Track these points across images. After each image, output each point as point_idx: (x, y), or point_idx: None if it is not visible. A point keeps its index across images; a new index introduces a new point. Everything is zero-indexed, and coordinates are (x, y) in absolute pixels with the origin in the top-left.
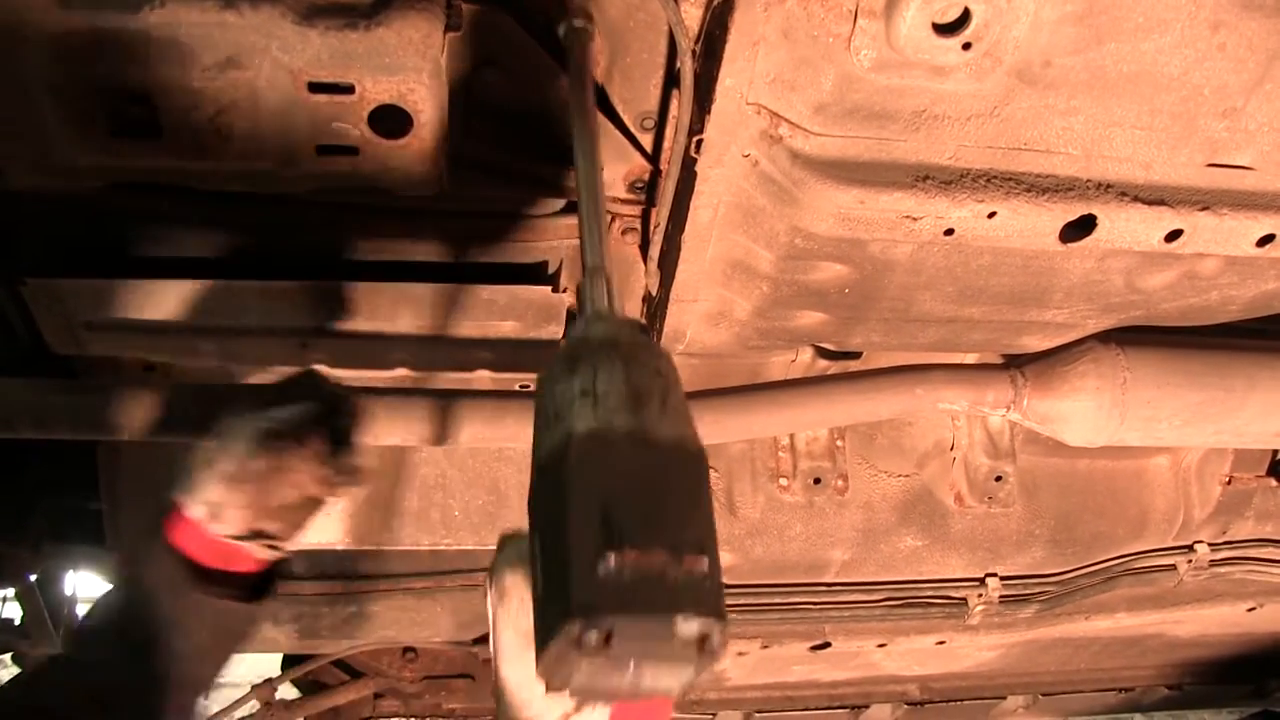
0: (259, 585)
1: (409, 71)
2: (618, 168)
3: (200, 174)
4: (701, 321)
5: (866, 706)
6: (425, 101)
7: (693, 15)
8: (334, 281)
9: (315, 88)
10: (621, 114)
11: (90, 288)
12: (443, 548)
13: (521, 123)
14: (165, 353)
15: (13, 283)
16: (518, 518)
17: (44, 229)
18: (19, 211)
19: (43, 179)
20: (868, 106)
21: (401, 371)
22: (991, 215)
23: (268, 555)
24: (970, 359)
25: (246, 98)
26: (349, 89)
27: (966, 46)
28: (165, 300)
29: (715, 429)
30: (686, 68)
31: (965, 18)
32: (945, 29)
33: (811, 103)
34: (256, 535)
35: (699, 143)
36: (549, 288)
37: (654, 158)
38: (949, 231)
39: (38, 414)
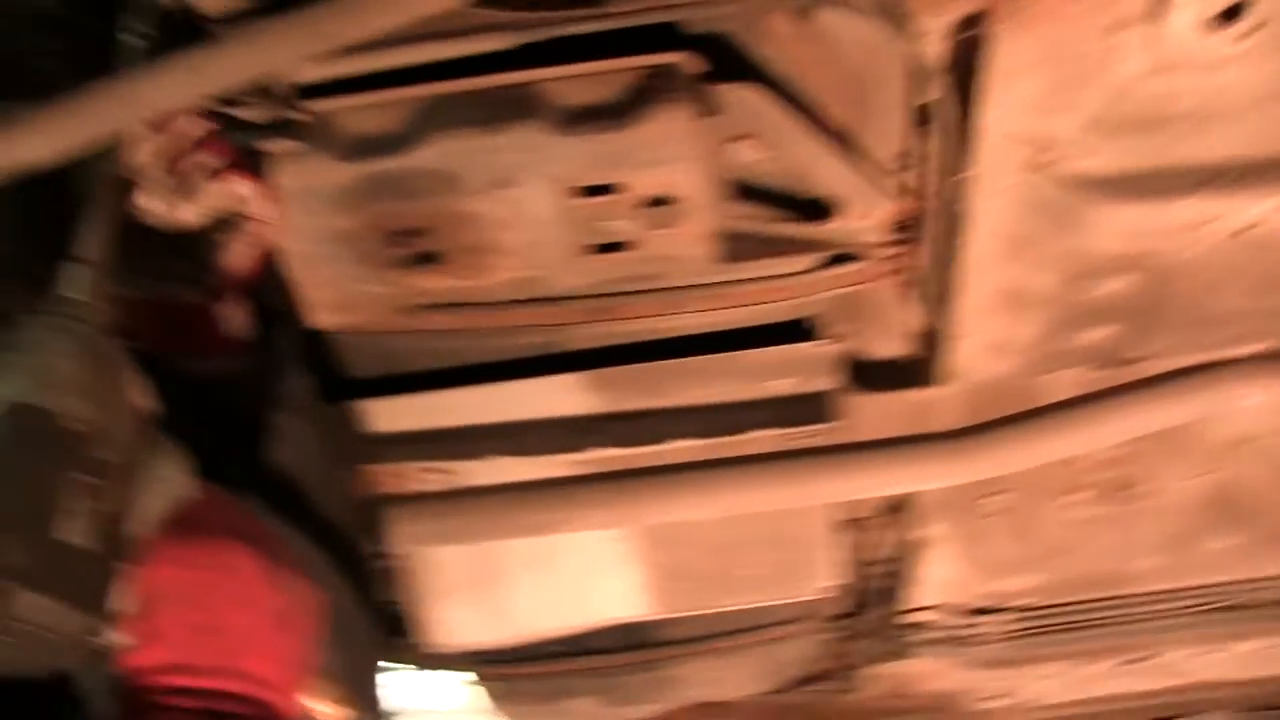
0: None
1: (673, 162)
2: (881, 214)
3: (482, 289)
4: (982, 354)
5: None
6: (692, 188)
7: (939, 51)
8: (606, 369)
9: (583, 192)
10: (876, 156)
11: (385, 406)
12: (745, 606)
13: (777, 187)
14: (455, 456)
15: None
16: (809, 570)
17: (338, 359)
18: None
19: (345, 317)
20: (1139, 116)
21: (682, 443)
22: None
23: None
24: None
25: (518, 212)
26: (616, 188)
27: (1244, 35)
28: (450, 408)
29: (1001, 460)
30: (941, 107)
31: (1239, 7)
32: (1218, 23)
33: (1077, 123)
34: None
35: (961, 180)
36: (816, 342)
37: (915, 196)
38: (1247, 229)
39: None
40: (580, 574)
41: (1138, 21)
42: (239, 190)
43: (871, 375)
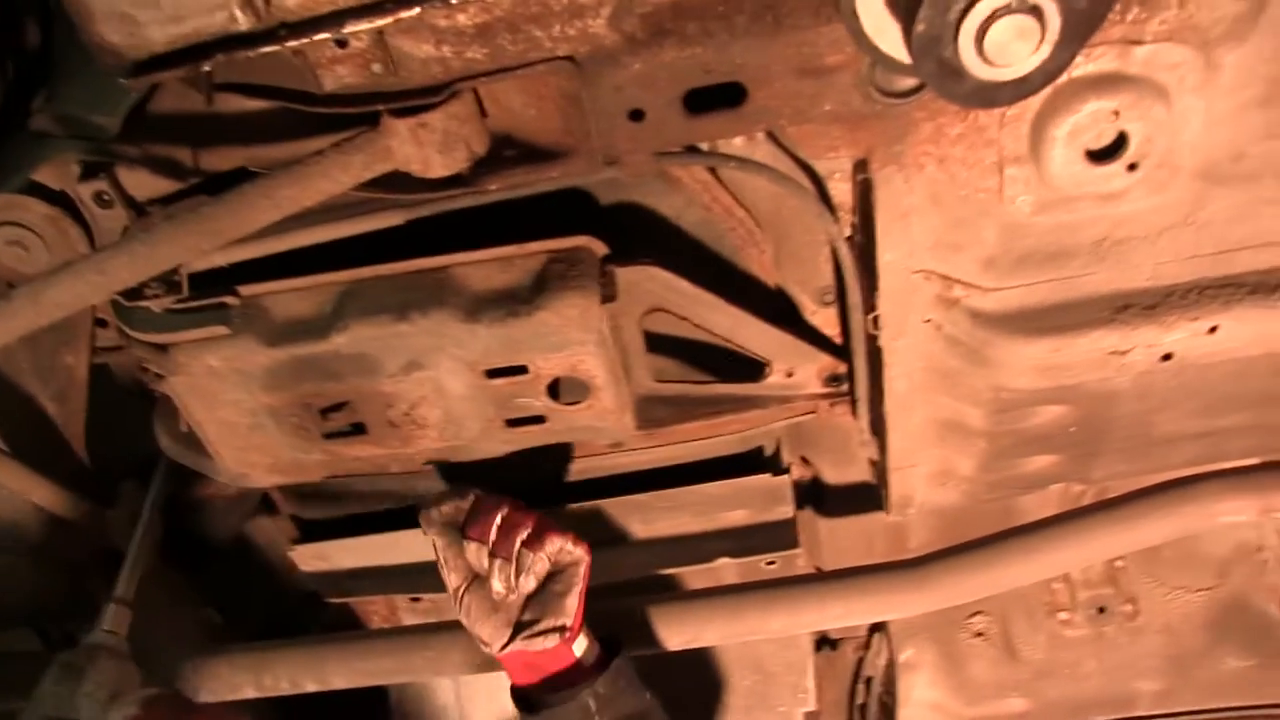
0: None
1: (574, 345)
2: (809, 368)
3: (405, 457)
4: (926, 483)
5: None
6: (597, 368)
7: (843, 190)
8: (557, 506)
9: (493, 373)
10: (799, 298)
11: (341, 546)
12: None
13: (699, 344)
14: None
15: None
16: (787, 694)
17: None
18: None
19: (280, 478)
20: (1040, 250)
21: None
22: (1213, 330)
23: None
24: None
25: (433, 391)
26: (523, 370)
27: (1132, 167)
28: (400, 546)
29: (966, 588)
30: (842, 252)
31: (1121, 141)
32: (1101, 155)
33: (979, 259)
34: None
35: (875, 319)
36: (769, 473)
37: (844, 329)
38: (1167, 357)
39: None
40: None
41: (1022, 160)
42: (557, 545)
43: (840, 500)
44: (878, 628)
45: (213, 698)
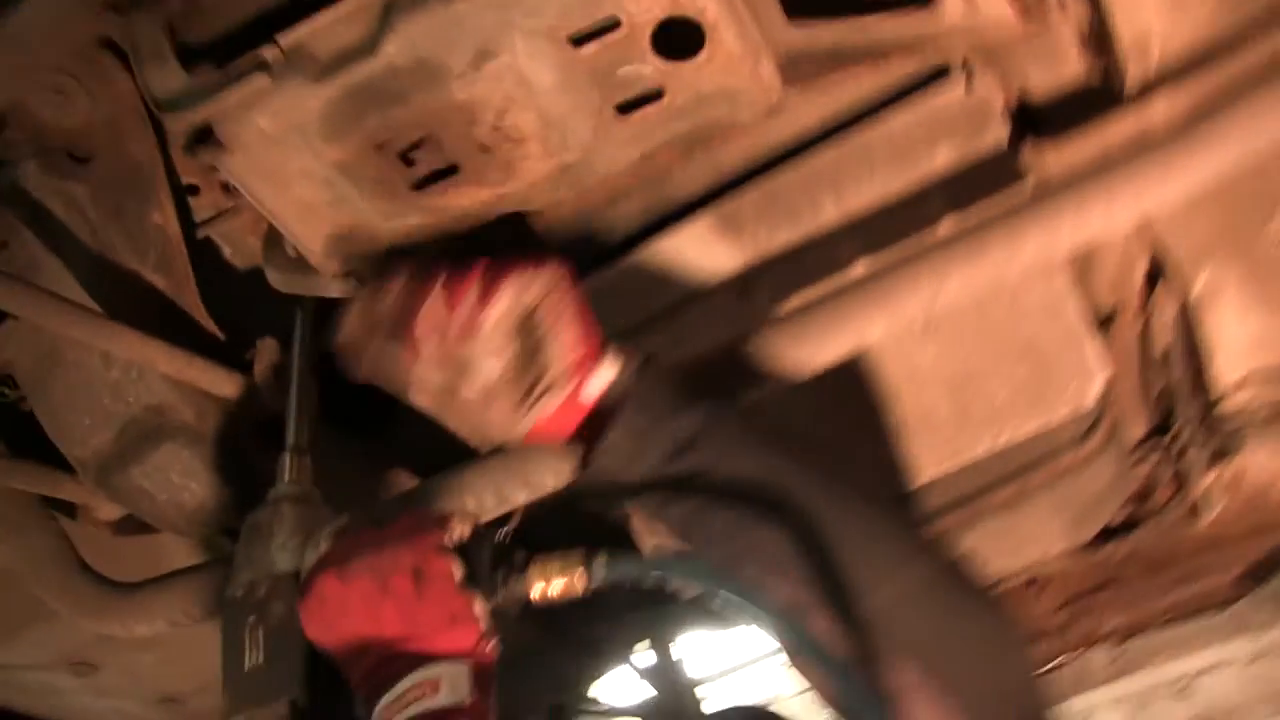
0: None
1: None
2: None
3: (515, 194)
4: (1160, 10)
5: None
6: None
7: None
8: (726, 204)
9: (580, 40)
10: None
11: None
12: (1008, 441)
13: None
14: None
15: None
16: (1071, 370)
17: None
18: None
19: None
20: None
21: (861, 268)
22: None
23: None
24: None
25: (517, 86)
26: (615, 24)
27: None
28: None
29: (1250, 135)
30: None
31: None
32: None
33: None
34: None
35: None
36: (959, 88)
37: None
38: None
39: None
40: None
41: None
42: (510, 293)
43: (1060, 114)
44: (1155, 280)
45: None
